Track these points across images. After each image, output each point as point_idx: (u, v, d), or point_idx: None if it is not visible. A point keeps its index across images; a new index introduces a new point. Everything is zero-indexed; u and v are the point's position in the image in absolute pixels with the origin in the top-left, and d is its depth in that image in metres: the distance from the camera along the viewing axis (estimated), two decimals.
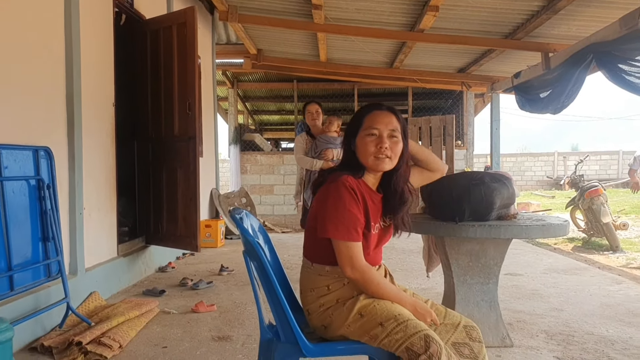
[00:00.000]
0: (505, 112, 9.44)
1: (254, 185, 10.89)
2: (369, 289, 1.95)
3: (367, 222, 2.00)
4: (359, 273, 1.92)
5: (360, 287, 1.96)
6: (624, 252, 7.60)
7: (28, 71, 3.65)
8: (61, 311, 3.68)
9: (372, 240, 2.06)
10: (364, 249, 2.00)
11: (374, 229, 2.06)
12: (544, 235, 3.32)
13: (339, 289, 2.01)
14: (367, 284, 1.94)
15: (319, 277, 2.05)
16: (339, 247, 1.92)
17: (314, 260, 2.08)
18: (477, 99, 12.01)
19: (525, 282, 5.38)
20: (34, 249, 3.62)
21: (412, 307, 1.96)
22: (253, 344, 3.43)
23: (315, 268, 2.06)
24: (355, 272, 1.92)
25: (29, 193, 3.59)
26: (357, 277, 1.92)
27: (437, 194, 3.39)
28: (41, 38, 3.81)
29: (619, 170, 24.92)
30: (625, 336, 3.64)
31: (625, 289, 5.05)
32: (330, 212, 1.94)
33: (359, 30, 6.86)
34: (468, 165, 10.96)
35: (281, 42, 8.77)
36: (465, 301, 3.46)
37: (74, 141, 4.14)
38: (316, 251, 2.07)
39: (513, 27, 6.19)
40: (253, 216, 2.33)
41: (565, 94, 5.90)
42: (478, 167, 15.75)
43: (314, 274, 2.06)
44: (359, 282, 1.94)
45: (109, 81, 4.98)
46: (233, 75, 11.75)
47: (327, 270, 2.04)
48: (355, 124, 2.10)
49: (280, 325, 1.95)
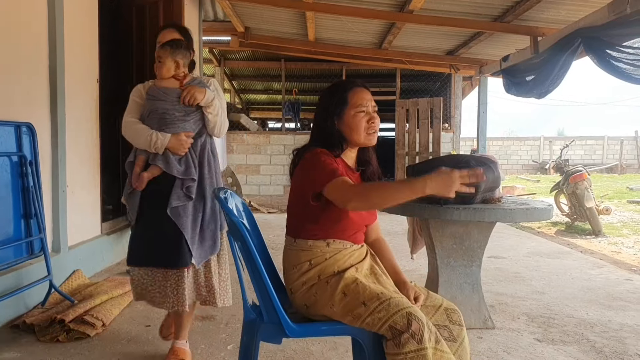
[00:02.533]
0: (492, 95, 9.46)
1: (240, 165, 10.84)
2: (380, 201, 1.85)
3: None
4: (361, 196, 1.89)
5: (374, 206, 1.96)
6: (606, 236, 7.70)
7: (9, 45, 3.56)
8: (44, 289, 3.65)
9: (356, 218, 2.09)
10: (348, 227, 2.06)
11: None
12: (527, 219, 3.35)
13: (321, 264, 2.02)
14: (373, 198, 1.87)
15: (301, 252, 2.06)
16: (331, 190, 1.91)
17: (296, 236, 2.09)
18: (465, 82, 12.01)
19: (508, 265, 5.43)
20: (16, 226, 3.57)
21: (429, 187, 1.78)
22: (236, 324, 3.44)
23: (298, 243, 2.08)
24: (358, 196, 1.88)
25: (11, 169, 3.53)
26: (363, 199, 1.89)
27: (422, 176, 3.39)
28: (23, 11, 3.73)
29: (603, 156, 25.17)
30: (604, 319, 3.69)
31: (606, 273, 5.13)
32: (311, 171, 2.00)
33: (348, 10, 6.80)
34: (454, 149, 10.98)
35: (269, 20, 8.68)
36: (448, 283, 3.49)
37: (57, 117, 4.07)
38: (298, 226, 2.09)
39: (503, 10, 6.16)
40: (238, 196, 2.31)
41: (550, 79, 5.92)
42: (464, 150, 15.78)
43: (296, 250, 2.08)
44: (368, 201, 1.89)
45: (93, 57, 4.90)
46: (220, 53, 11.63)
47: (309, 244, 2.05)
48: (337, 101, 2.11)
49: (264, 306, 1.95)
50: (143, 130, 2.70)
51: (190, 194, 2.67)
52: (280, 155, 10.78)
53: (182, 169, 2.68)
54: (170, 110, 2.71)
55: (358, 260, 2.07)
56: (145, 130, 2.69)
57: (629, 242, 7.30)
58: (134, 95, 2.84)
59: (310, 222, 2.05)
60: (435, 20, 6.64)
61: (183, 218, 2.65)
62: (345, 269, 2.00)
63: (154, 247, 2.69)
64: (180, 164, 2.69)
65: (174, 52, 2.75)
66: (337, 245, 2.05)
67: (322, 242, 2.04)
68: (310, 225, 2.05)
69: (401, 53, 9.30)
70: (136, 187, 2.70)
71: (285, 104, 12.27)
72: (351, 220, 2.06)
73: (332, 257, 2.03)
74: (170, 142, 2.67)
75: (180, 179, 2.67)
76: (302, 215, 2.07)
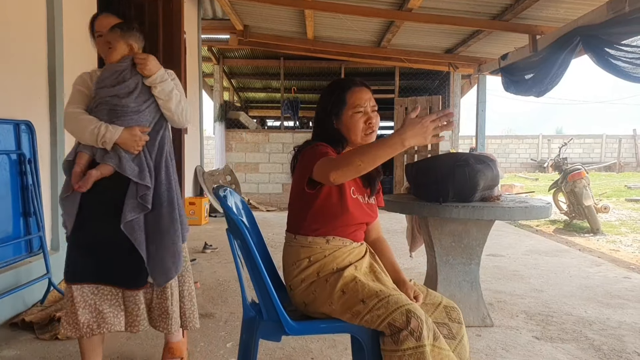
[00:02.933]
0: (491, 94, 9.46)
1: (239, 163, 10.84)
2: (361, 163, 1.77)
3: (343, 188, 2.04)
4: (342, 162, 1.82)
5: (356, 169, 1.79)
6: (605, 234, 7.72)
7: (7, 43, 3.56)
8: (43, 287, 3.66)
9: (357, 213, 2.08)
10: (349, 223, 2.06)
11: (353, 193, 2.08)
12: (526, 217, 3.36)
13: (320, 261, 2.03)
14: (355, 161, 1.77)
15: (301, 249, 2.06)
16: (317, 170, 1.90)
17: (297, 232, 2.09)
18: (464, 81, 12.01)
19: (506, 263, 5.44)
20: (15, 224, 3.57)
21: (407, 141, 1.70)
22: (236, 322, 3.44)
23: (298, 240, 2.08)
24: (339, 163, 1.82)
25: (10, 168, 3.53)
26: (345, 164, 1.80)
27: (422, 174, 3.40)
28: (22, 9, 3.72)
29: (602, 154, 25.20)
30: (602, 317, 3.70)
31: (604, 271, 5.14)
32: (306, 160, 1.98)
33: (347, 8, 6.79)
34: (453, 147, 10.99)
35: (268, 19, 8.67)
36: (447, 281, 3.49)
37: (56, 115, 4.06)
38: (298, 222, 2.09)
39: (502, 8, 6.16)
40: (237, 194, 2.31)
41: (549, 77, 5.92)
42: (463, 148, 15.80)
43: (296, 246, 2.08)
44: (349, 165, 1.79)
45: (92, 54, 4.86)
46: (219, 51, 11.61)
47: (309, 241, 2.05)
48: (336, 100, 2.11)
49: (263, 303, 1.95)
50: (89, 121, 2.30)
51: (146, 203, 2.31)
52: (279, 153, 10.78)
53: (136, 170, 2.32)
54: (123, 99, 2.34)
55: (357, 258, 2.07)
56: (92, 121, 2.30)
57: (627, 240, 7.31)
58: (79, 84, 2.45)
59: (311, 217, 2.05)
60: (434, 18, 6.64)
61: (137, 232, 2.31)
62: (345, 267, 2.01)
63: (104, 263, 2.34)
64: (134, 165, 2.33)
65: (125, 34, 2.42)
66: (336, 243, 2.05)
67: (321, 239, 2.04)
68: (310, 221, 2.05)
69: (400, 51, 9.29)
70: (78, 188, 2.29)
71: (284, 102, 12.26)
72: (351, 215, 2.06)
73: (331, 254, 2.03)
74: (121, 137, 2.29)
75: (134, 185, 2.31)
76: (302, 211, 2.07)
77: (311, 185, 1.98)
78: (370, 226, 2.24)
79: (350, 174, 1.82)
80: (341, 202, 2.03)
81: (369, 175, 2.16)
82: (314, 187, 1.99)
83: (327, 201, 2.02)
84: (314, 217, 2.05)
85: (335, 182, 1.86)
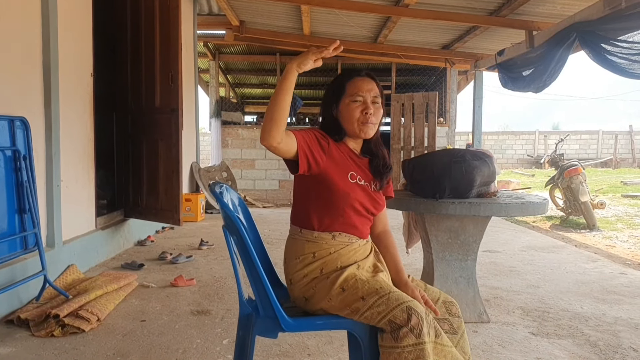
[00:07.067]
0: (488, 90, 9.49)
1: (235, 160, 10.82)
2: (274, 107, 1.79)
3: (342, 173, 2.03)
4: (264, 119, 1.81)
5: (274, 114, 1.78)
6: (601, 230, 7.73)
7: (2, 39, 3.53)
8: (38, 284, 3.65)
9: (359, 190, 2.06)
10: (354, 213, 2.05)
11: (351, 178, 2.06)
12: (522, 214, 3.35)
13: (324, 257, 2.01)
14: (269, 110, 1.79)
15: (306, 243, 2.04)
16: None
17: (302, 225, 2.08)
18: (461, 77, 12.01)
19: (503, 259, 5.45)
20: (10, 221, 3.55)
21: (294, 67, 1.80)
22: (232, 318, 3.44)
23: (304, 234, 2.06)
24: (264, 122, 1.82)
25: (5, 164, 3.51)
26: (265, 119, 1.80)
27: (418, 170, 3.40)
28: (16, 4, 3.69)
29: (598, 150, 25.26)
30: (598, 313, 3.71)
31: (600, 267, 5.15)
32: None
33: (343, 4, 6.78)
34: (450, 143, 11.00)
35: (264, 14, 8.65)
36: (443, 277, 3.49)
37: (51, 111, 4.05)
38: (304, 215, 2.07)
39: (498, 4, 6.16)
40: (233, 190, 2.30)
41: (547, 73, 5.93)
42: (460, 144, 15.81)
43: (301, 240, 2.06)
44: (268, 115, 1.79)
45: (87, 50, 4.87)
46: (215, 47, 11.58)
47: (315, 236, 2.03)
48: (336, 90, 2.11)
49: (260, 300, 1.94)
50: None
51: None
52: None
53: None
54: None
55: (361, 257, 2.05)
56: None
57: (623, 236, 7.33)
58: None
59: (315, 211, 2.03)
60: (430, 14, 6.64)
61: None
62: (348, 266, 1.99)
63: None
64: None
65: None
66: (342, 239, 2.03)
67: (327, 235, 2.02)
68: (314, 215, 2.03)
69: (397, 47, 9.29)
70: None
71: None
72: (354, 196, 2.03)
73: (336, 252, 2.02)
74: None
75: None
76: (307, 204, 2.06)
77: (294, 167, 1.95)
78: (377, 218, 2.21)
79: (270, 123, 1.79)
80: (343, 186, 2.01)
81: (377, 170, 2.14)
82: (296, 169, 1.94)
83: (329, 190, 2.01)
84: (319, 209, 2.03)
85: (271, 142, 1.80)
